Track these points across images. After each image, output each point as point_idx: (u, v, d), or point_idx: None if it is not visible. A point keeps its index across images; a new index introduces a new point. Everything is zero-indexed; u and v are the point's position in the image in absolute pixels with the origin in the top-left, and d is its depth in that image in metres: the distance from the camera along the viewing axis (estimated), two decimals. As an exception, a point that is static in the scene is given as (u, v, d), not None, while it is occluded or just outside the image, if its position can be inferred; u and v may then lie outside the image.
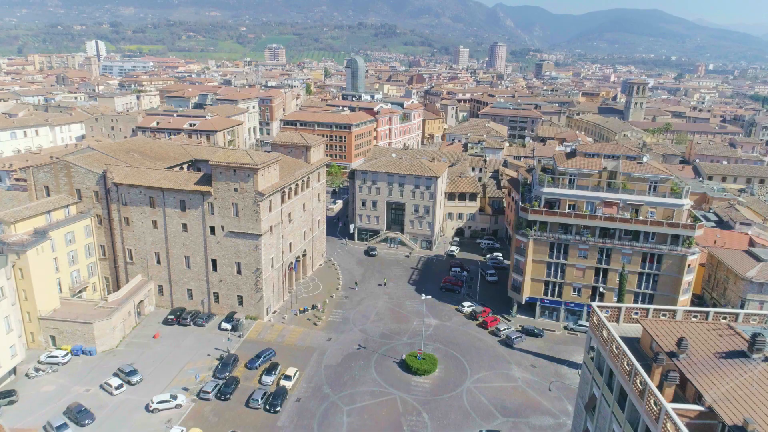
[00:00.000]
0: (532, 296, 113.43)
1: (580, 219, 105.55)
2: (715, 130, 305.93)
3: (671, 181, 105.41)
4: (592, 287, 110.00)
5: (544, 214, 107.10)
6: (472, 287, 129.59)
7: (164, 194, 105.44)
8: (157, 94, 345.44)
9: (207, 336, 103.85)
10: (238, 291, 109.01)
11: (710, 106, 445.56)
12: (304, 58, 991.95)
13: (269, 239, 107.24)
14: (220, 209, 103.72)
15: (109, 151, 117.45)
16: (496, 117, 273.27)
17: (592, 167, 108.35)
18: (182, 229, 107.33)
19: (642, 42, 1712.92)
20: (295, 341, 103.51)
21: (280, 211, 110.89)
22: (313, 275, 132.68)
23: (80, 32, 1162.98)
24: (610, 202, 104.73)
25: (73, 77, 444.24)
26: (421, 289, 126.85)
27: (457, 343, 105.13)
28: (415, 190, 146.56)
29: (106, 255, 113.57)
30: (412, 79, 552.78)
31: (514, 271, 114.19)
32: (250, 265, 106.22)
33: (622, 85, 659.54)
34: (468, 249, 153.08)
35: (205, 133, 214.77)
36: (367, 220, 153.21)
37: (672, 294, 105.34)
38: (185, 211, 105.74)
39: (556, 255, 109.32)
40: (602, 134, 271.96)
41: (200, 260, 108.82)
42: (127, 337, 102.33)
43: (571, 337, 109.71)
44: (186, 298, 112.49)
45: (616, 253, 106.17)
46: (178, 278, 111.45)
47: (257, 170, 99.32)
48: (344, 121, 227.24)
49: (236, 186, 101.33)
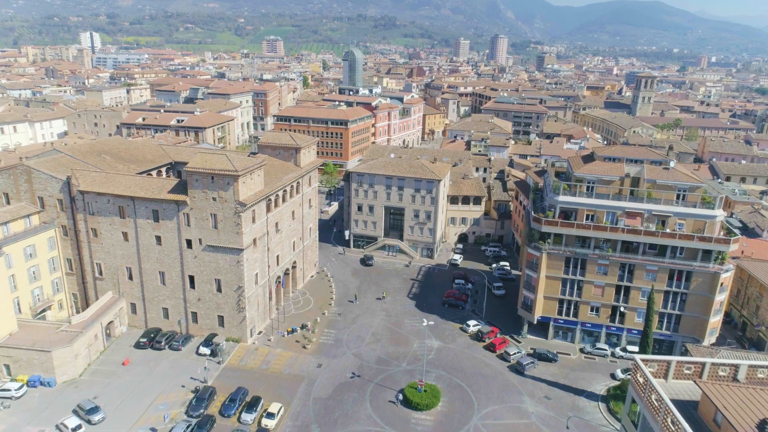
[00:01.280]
0: (545, 316, 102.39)
1: (600, 231, 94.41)
2: (727, 126, 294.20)
3: (702, 188, 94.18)
4: (612, 307, 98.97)
5: (559, 226, 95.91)
6: (478, 302, 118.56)
7: (135, 203, 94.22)
8: (147, 87, 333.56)
9: (183, 362, 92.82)
10: (218, 311, 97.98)
11: (718, 100, 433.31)
12: (303, 50, 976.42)
13: (253, 253, 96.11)
14: (197, 221, 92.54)
15: (77, 153, 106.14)
16: (499, 112, 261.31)
17: (613, 173, 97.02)
18: (156, 241, 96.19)
19: (643, 34, 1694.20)
20: (281, 368, 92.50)
21: (265, 222, 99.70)
22: (303, 288, 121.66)
23: (77, 24, 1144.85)
24: (634, 213, 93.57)
25: (63, 70, 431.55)
26: (422, 304, 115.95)
27: (461, 370, 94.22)
28: (416, 194, 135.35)
29: (73, 269, 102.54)
30: (412, 72, 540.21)
31: (525, 288, 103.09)
32: (231, 282, 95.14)
33: (625, 77, 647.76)
34: (472, 257, 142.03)
35: (194, 130, 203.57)
36: (363, 226, 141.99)
37: (702, 315, 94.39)
38: (159, 222, 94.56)
39: (573, 271, 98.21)
40: (611, 130, 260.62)
41: (176, 276, 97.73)
42: (93, 364, 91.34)
43: (589, 361, 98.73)
44: (161, 317, 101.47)
45: (639, 269, 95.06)
46: (153, 296, 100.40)
47: (238, 177, 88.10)
48: (341, 117, 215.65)
49: (215, 195, 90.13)
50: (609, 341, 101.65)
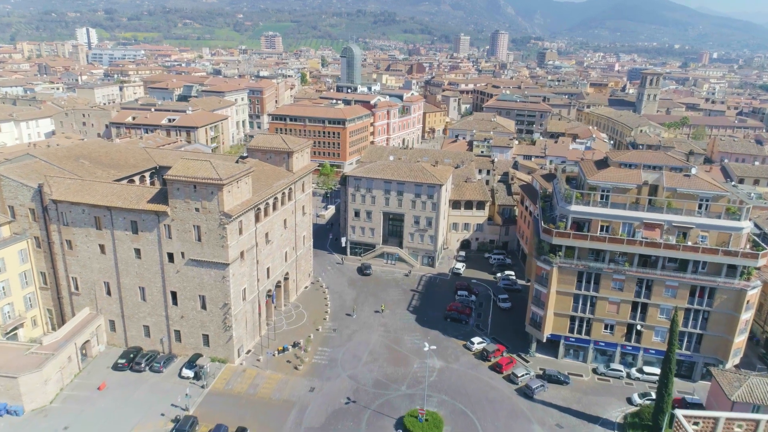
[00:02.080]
0: (556, 333, 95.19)
1: (616, 244, 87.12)
2: (734, 125, 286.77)
3: (726, 198, 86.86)
4: (628, 324, 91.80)
5: (571, 238, 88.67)
6: (482, 316, 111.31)
7: (112, 214, 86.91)
8: (141, 85, 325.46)
9: (164, 386, 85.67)
10: (203, 329, 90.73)
11: (724, 97, 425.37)
12: (302, 46, 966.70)
13: (240, 267, 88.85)
14: (179, 233, 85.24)
15: (52, 158, 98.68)
16: (501, 110, 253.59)
17: (629, 180, 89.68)
18: (135, 255, 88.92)
19: (644, 30, 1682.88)
20: (270, 393, 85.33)
21: (254, 233, 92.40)
22: (297, 301, 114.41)
23: (74, 19, 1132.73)
24: (653, 224, 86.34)
25: (56, 66, 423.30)
26: (423, 318, 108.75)
27: (465, 394, 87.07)
28: (416, 200, 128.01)
29: (48, 284, 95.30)
30: (412, 68, 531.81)
31: (534, 304, 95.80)
32: (217, 299, 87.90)
33: (627, 74, 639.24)
34: (475, 265, 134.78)
35: (185, 130, 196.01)
36: (360, 233, 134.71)
37: (726, 335, 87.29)
38: (138, 234, 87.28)
39: (586, 286, 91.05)
40: (616, 129, 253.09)
41: (157, 292, 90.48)
42: (66, 389, 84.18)
43: (603, 384, 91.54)
44: (142, 335, 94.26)
45: (658, 285, 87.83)
46: (132, 313, 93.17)
47: (222, 186, 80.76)
48: (338, 116, 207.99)
49: (197, 205, 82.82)
50: (624, 361, 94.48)
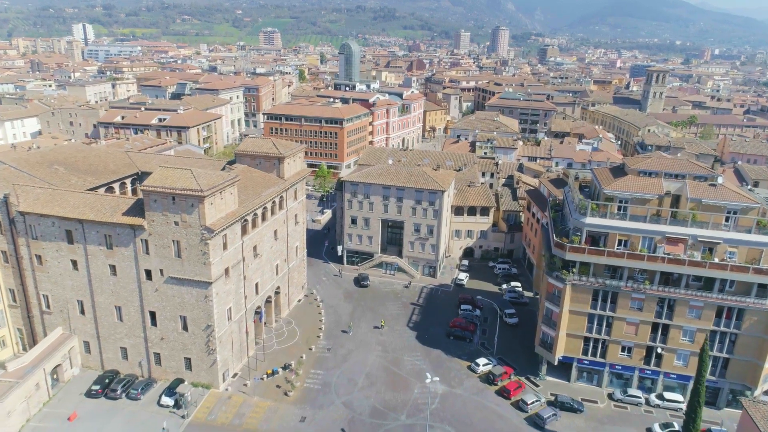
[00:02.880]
0: (568, 356, 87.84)
1: (636, 260, 79.71)
2: (743, 123, 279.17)
3: (757, 210, 79.37)
4: (647, 347, 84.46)
5: (587, 254, 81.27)
6: (487, 332, 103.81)
7: (84, 227, 79.49)
8: (134, 82, 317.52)
9: (141, 416, 78.30)
10: (184, 352, 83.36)
11: (729, 94, 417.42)
12: (301, 43, 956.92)
13: (224, 285, 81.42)
14: (158, 248, 77.82)
15: (23, 164, 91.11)
16: (504, 109, 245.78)
17: (650, 190, 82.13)
18: (110, 271, 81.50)
19: (644, 26, 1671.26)
20: (256, 424, 77.94)
21: (240, 246, 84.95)
22: (289, 316, 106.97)
23: (72, 15, 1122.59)
24: (676, 239, 78.94)
25: (49, 63, 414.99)
26: (424, 336, 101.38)
27: (470, 424, 79.73)
28: (417, 206, 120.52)
29: (17, 301, 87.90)
30: (412, 65, 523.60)
31: (545, 323, 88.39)
32: (199, 320, 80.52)
33: (630, 70, 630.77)
34: (479, 275, 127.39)
35: (176, 130, 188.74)
36: (358, 241, 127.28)
37: (755, 359, 79.97)
38: (112, 249, 79.85)
39: (602, 305, 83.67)
40: (623, 129, 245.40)
41: (135, 312, 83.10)
42: (33, 420, 76.85)
43: (620, 411, 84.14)
44: (119, 357, 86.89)
45: (681, 305, 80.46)
46: (109, 333, 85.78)
47: (203, 198, 73.28)
48: (335, 116, 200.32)
49: (176, 218, 75.34)
50: (642, 386, 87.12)
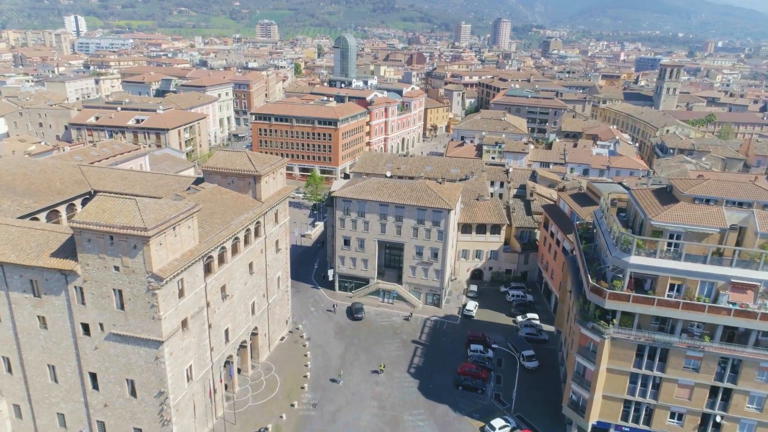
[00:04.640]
0: (604, 421, 72.23)
1: (696, 311, 63.94)
2: (764, 122, 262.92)
3: None
4: (703, 414, 68.83)
5: (632, 302, 65.53)
6: (502, 380, 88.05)
7: (4, 270, 63.72)
8: (119, 78, 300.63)
9: (76, 507, 62.97)
10: (134, 422, 67.62)
11: (742, 89, 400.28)
12: (299, 35, 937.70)
13: (182, 341, 65.64)
14: (95, 298, 61.99)
15: (-57, 186, 75.29)
16: (511, 107, 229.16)
17: (710, 223, 66.10)
18: (39, 324, 65.66)
19: (646, 18, 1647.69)
20: None
21: (203, 290, 69.10)
22: (269, 360, 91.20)
23: (67, 7, 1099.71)
24: (743, 285, 63.20)
25: (33, 57, 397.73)
26: (428, 386, 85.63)
27: None
28: (419, 226, 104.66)
29: (-68, 355, 72.29)
30: (412, 58, 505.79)
31: (576, 382, 72.67)
32: (150, 384, 64.79)
33: (635, 63, 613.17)
34: (489, 302, 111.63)
35: (155, 132, 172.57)
36: (351, 265, 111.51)
37: (840, 433, 64.53)
38: (41, 297, 64.07)
39: (648, 363, 67.98)
40: (638, 128, 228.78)
41: (72, 372, 67.34)
42: None
43: (670, 493, 68.85)
44: (57, 425, 71.17)
45: (749, 366, 64.73)
46: (42, 397, 70.07)
47: (148, 239, 57.40)
48: (329, 116, 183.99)
49: (116, 263, 59.49)
50: (695, 459, 71.71)
